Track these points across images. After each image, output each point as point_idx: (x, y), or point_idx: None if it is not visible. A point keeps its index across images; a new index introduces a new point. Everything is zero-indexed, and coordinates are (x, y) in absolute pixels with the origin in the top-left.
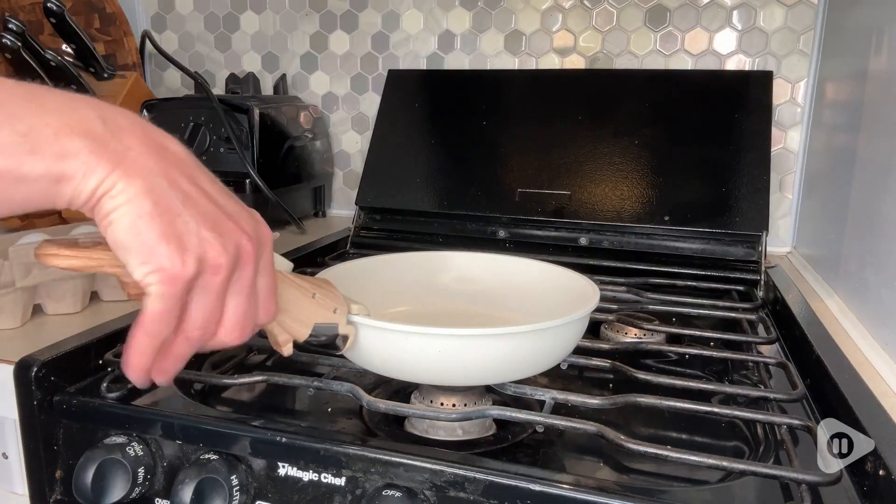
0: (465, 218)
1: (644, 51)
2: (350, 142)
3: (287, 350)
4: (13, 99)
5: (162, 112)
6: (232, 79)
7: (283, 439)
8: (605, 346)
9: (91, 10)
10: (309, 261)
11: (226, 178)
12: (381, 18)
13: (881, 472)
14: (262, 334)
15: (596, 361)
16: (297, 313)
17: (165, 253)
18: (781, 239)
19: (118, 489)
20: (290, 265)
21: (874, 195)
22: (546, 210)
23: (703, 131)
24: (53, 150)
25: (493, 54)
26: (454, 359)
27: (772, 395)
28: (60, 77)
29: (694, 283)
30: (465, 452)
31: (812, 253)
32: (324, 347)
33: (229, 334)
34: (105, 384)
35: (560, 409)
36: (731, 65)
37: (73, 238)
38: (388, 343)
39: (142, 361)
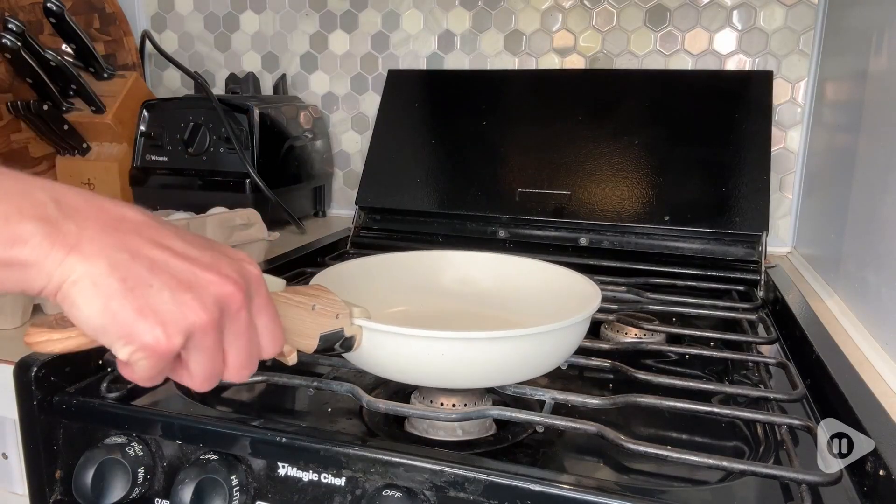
0: (465, 218)
1: (644, 51)
2: (350, 142)
3: (292, 360)
4: None
5: (162, 112)
6: (232, 79)
7: (283, 439)
8: (605, 346)
9: (91, 10)
10: (309, 261)
11: (226, 177)
12: (381, 18)
13: (881, 472)
14: None
15: (596, 361)
16: (302, 329)
17: (146, 329)
18: (781, 239)
19: (118, 489)
20: (283, 283)
21: (874, 195)
22: (546, 210)
23: (703, 131)
24: (4, 236)
25: (493, 54)
26: (456, 362)
27: (772, 395)
28: (60, 77)
29: (694, 283)
30: (465, 452)
31: (812, 253)
32: (333, 352)
33: (236, 376)
34: (105, 384)
35: (560, 409)
36: (731, 65)
37: (59, 314)
38: (389, 346)
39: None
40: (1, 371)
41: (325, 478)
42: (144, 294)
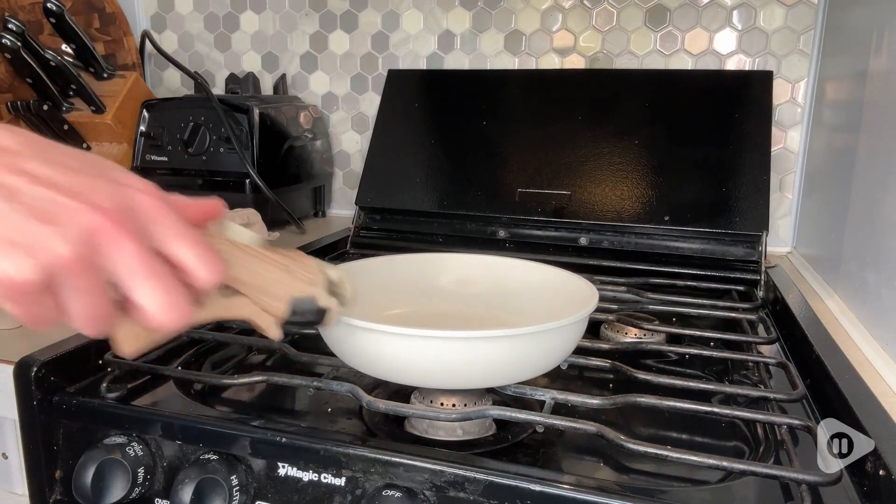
0: (465, 218)
1: (644, 51)
2: (350, 142)
3: (273, 333)
4: None
5: (162, 112)
6: (232, 79)
7: (283, 439)
8: (605, 346)
9: (91, 10)
10: None
11: (226, 177)
12: (380, 18)
13: (881, 472)
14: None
15: (596, 361)
16: (272, 288)
17: None
18: (781, 239)
19: (118, 489)
20: (258, 237)
21: (874, 195)
22: (546, 210)
23: (703, 131)
24: None
25: (493, 54)
26: (453, 361)
27: (772, 395)
28: (60, 77)
29: (694, 283)
30: (465, 452)
31: (812, 253)
32: (305, 325)
33: (156, 319)
34: (105, 384)
35: (560, 409)
36: (731, 65)
37: None
38: (387, 346)
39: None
40: (1, 371)
41: (325, 478)
42: None
